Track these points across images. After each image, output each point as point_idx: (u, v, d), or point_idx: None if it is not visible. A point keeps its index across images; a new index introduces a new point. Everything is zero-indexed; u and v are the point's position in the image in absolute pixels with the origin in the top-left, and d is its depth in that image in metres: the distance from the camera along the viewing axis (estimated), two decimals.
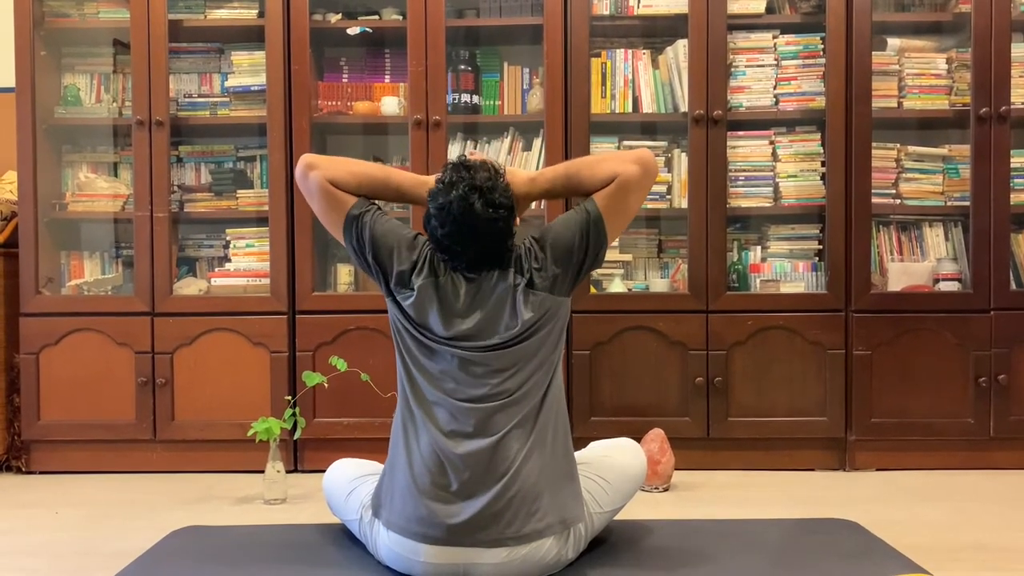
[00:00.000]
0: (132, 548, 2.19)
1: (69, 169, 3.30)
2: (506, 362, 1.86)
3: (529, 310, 1.85)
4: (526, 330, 1.86)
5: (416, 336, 1.90)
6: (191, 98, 3.24)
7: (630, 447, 2.21)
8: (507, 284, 1.87)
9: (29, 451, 3.11)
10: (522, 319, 1.85)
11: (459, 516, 1.80)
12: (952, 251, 3.14)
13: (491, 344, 1.86)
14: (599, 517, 2.02)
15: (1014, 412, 2.98)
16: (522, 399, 1.86)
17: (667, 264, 3.24)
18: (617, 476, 2.08)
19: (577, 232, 1.90)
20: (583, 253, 1.91)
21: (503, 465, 1.81)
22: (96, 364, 3.05)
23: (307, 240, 3.06)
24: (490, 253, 1.87)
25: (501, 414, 1.84)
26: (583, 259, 1.91)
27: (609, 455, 2.14)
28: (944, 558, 2.09)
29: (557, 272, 1.89)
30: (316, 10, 3.14)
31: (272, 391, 3.03)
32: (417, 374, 1.90)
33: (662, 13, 3.10)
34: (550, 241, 1.91)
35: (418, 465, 1.84)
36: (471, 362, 1.86)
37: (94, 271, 3.27)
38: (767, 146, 3.13)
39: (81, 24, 3.22)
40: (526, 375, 1.86)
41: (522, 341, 1.86)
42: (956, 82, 3.10)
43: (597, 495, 2.01)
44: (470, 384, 1.85)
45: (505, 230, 1.86)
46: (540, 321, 1.87)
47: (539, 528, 1.82)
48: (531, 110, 3.18)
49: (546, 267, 1.88)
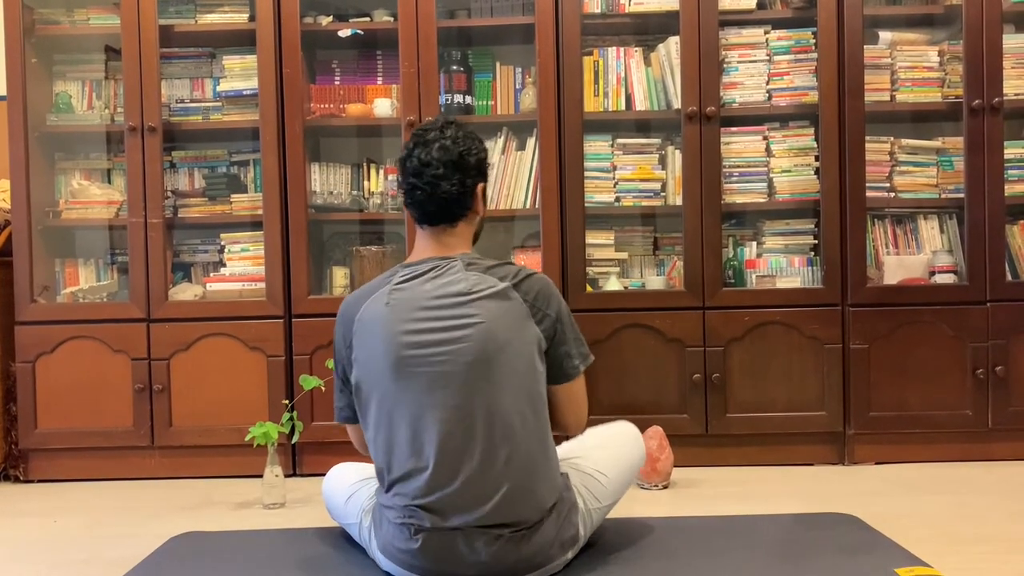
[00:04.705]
0: (131, 555, 2.18)
1: (62, 176, 3.29)
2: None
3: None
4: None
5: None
6: (183, 103, 3.23)
7: (629, 434, 2.18)
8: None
9: (27, 460, 3.10)
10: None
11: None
12: (947, 243, 3.14)
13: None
14: (598, 513, 2.02)
15: (1012, 403, 2.99)
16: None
17: (663, 261, 3.24)
18: (617, 469, 2.06)
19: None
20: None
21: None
22: (92, 371, 3.05)
23: (302, 243, 3.06)
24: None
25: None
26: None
27: (606, 445, 2.11)
28: (944, 550, 2.08)
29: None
30: (307, 13, 3.13)
31: (269, 395, 3.03)
32: None
33: (653, 10, 3.10)
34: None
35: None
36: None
37: (89, 278, 3.27)
38: (761, 141, 3.13)
39: (72, 31, 3.21)
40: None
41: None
42: (948, 74, 3.10)
43: (596, 491, 2.00)
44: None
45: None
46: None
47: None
48: (524, 109, 3.18)
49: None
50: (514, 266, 1.88)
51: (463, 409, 1.77)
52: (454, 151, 1.86)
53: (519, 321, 1.81)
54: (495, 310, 1.79)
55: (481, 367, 1.77)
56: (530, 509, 1.82)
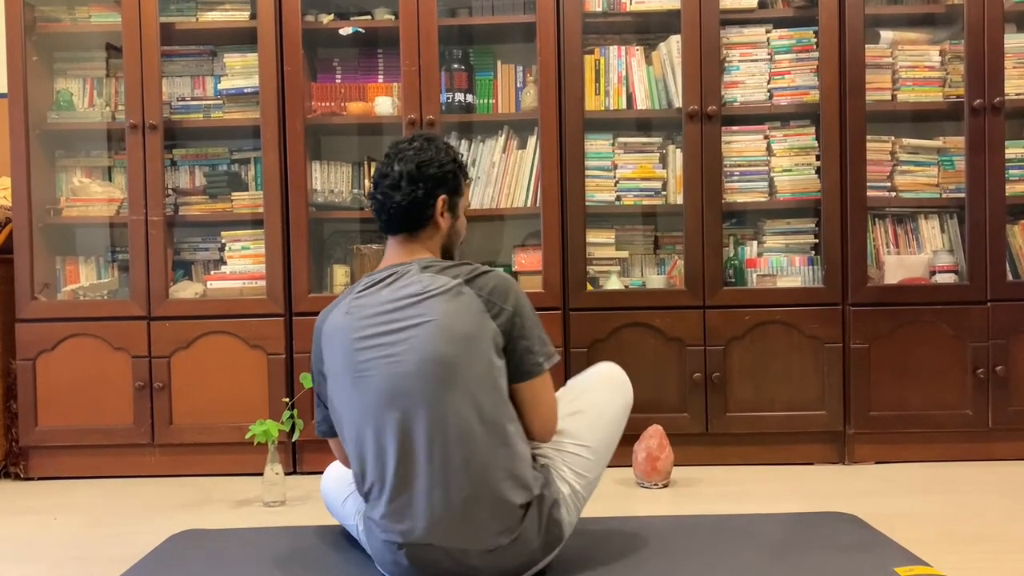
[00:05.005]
0: (131, 553, 2.19)
1: (63, 174, 3.29)
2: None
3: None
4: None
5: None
6: (184, 101, 3.23)
7: (604, 382, 2.06)
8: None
9: (27, 457, 3.10)
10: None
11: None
12: (948, 243, 3.14)
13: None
14: (588, 486, 1.94)
15: (1012, 403, 2.99)
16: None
17: (663, 260, 3.24)
18: (599, 434, 1.96)
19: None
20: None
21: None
22: (93, 369, 3.05)
23: (303, 242, 3.06)
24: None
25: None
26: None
27: (581, 409, 1.98)
28: (944, 550, 2.08)
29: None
30: (308, 11, 3.13)
31: (270, 393, 3.03)
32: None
33: (655, 9, 3.10)
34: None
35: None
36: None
37: (89, 276, 3.27)
38: (761, 141, 3.13)
39: (73, 28, 3.21)
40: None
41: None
42: (950, 74, 3.10)
43: (581, 467, 1.91)
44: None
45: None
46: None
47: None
48: (525, 108, 3.18)
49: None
50: (470, 265, 1.85)
51: (417, 413, 1.73)
52: (413, 162, 1.86)
53: (473, 317, 1.76)
54: (446, 307, 1.76)
55: (433, 366, 1.73)
56: (501, 514, 1.76)
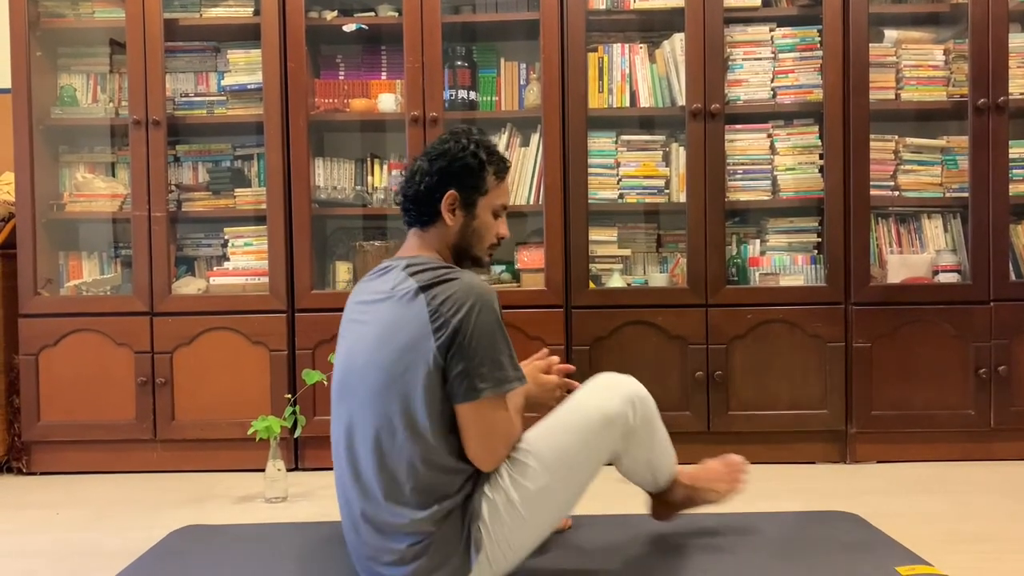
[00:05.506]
0: (133, 548, 2.19)
1: (66, 169, 3.29)
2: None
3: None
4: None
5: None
6: (188, 97, 3.23)
7: (592, 384, 1.87)
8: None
9: (30, 452, 3.11)
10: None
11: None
12: (951, 242, 3.14)
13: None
14: (530, 500, 1.70)
15: (1015, 403, 2.98)
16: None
17: (666, 259, 3.24)
18: (552, 438, 1.75)
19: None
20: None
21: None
22: (96, 364, 3.05)
23: (305, 238, 3.06)
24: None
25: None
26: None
27: (555, 412, 1.81)
28: (945, 550, 2.08)
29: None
30: (312, 8, 3.13)
31: (272, 389, 3.03)
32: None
33: (658, 7, 3.10)
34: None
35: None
36: None
37: (92, 271, 3.27)
38: (765, 139, 3.13)
39: (77, 24, 3.21)
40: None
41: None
42: (954, 73, 3.09)
43: (517, 471, 1.71)
44: None
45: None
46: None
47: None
48: (528, 105, 3.18)
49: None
50: (444, 270, 1.72)
51: (356, 412, 1.72)
52: (429, 154, 1.82)
53: (414, 328, 1.65)
54: (392, 314, 1.69)
55: (369, 370, 1.69)
56: (393, 536, 1.68)
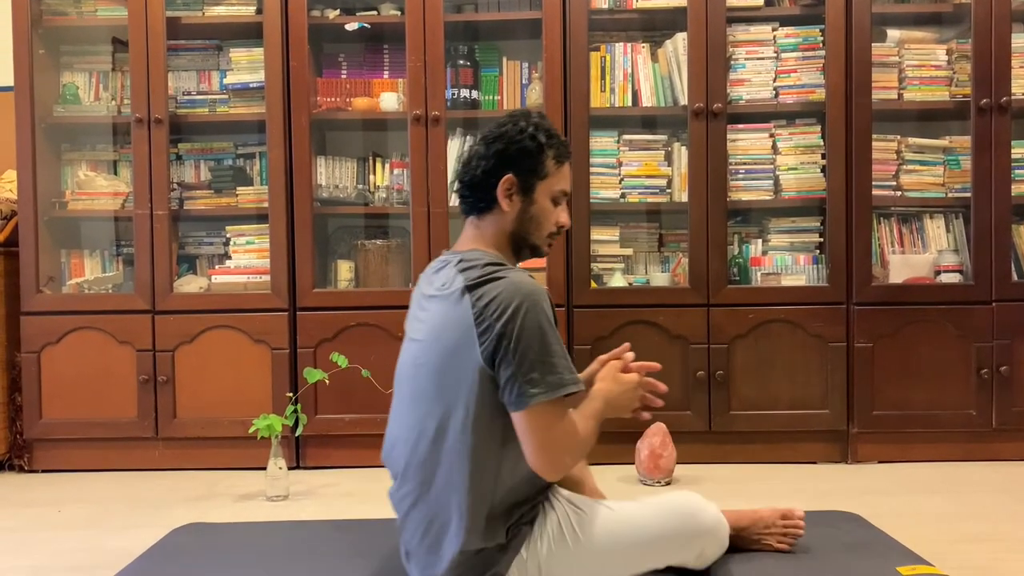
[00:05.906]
0: (135, 546, 2.19)
1: (68, 167, 3.30)
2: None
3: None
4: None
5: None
6: (190, 95, 3.23)
7: (661, 500, 1.78)
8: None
9: (31, 450, 3.11)
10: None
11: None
12: (953, 243, 3.13)
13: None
14: (573, 558, 1.63)
15: (1016, 403, 2.98)
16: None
17: (668, 258, 3.24)
18: (628, 513, 1.70)
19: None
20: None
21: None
22: (97, 362, 3.05)
23: (307, 237, 3.06)
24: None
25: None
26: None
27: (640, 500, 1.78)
28: (947, 550, 2.08)
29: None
30: (314, 6, 3.13)
31: (273, 388, 3.03)
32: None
33: (661, 6, 3.10)
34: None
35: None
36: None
37: (94, 269, 3.27)
38: (767, 139, 3.13)
39: (79, 22, 3.21)
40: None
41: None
42: (956, 73, 3.09)
43: (578, 523, 1.65)
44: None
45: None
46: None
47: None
48: (530, 104, 3.18)
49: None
50: (492, 267, 1.62)
51: (408, 416, 1.66)
52: (487, 137, 1.69)
53: (460, 330, 1.58)
54: (437, 313, 1.63)
55: (421, 370, 1.64)
56: (437, 541, 1.62)
